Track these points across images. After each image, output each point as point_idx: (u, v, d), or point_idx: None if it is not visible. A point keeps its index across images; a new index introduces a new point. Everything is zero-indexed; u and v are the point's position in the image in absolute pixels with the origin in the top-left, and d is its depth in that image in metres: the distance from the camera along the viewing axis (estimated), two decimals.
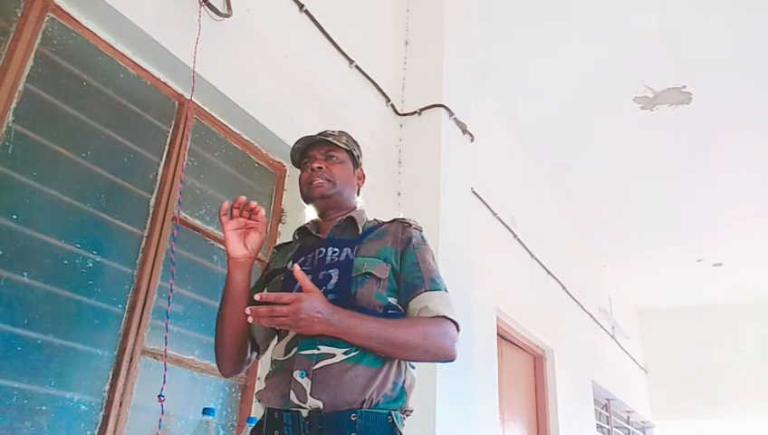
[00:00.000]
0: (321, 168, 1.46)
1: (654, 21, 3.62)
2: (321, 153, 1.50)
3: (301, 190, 1.51)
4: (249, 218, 1.35)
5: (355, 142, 1.60)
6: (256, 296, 1.20)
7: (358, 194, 1.59)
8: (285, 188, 2.44)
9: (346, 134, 1.58)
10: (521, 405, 4.49)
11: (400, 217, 1.49)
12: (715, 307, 8.14)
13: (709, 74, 4.03)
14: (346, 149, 1.53)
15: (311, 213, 1.54)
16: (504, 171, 4.61)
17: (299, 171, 1.54)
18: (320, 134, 1.53)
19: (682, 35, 3.72)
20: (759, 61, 3.88)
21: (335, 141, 1.49)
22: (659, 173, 5.22)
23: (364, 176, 1.62)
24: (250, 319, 1.20)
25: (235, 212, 1.34)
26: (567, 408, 4.95)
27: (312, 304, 1.19)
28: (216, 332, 1.38)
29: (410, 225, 1.45)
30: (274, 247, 1.63)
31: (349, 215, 1.46)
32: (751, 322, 7.91)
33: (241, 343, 1.38)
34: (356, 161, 1.57)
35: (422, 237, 1.46)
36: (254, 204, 1.35)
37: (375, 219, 1.52)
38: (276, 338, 1.41)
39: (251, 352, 1.43)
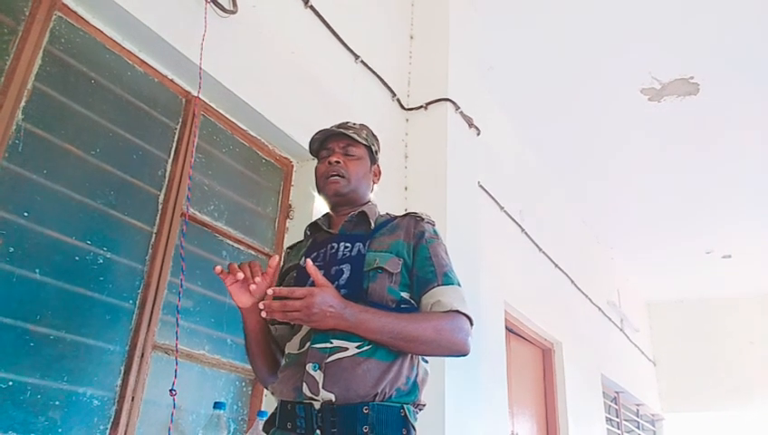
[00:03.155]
0: (338, 162, 1.45)
1: (660, 11, 3.59)
2: (340, 147, 1.48)
3: (316, 181, 1.51)
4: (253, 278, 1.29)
5: (375, 137, 1.57)
6: (269, 291, 1.20)
7: (372, 190, 1.57)
8: (293, 183, 2.44)
9: (366, 128, 1.56)
10: (530, 398, 4.49)
11: (413, 211, 1.48)
12: (725, 299, 8.08)
13: (717, 65, 3.99)
14: (365, 145, 1.51)
15: (320, 203, 1.54)
16: (511, 165, 4.60)
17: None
18: (340, 126, 1.50)
19: (689, 25, 3.69)
20: (767, 51, 3.84)
21: (355, 136, 1.48)
22: (667, 165, 5.19)
23: (380, 172, 1.60)
24: (263, 314, 1.20)
25: (233, 269, 1.29)
26: (576, 401, 4.94)
27: (325, 299, 1.19)
28: (251, 363, 1.42)
29: (423, 219, 1.44)
30: (288, 248, 1.63)
31: (361, 209, 1.46)
32: (761, 314, 7.85)
33: (275, 363, 1.41)
34: (374, 157, 1.55)
35: (435, 232, 1.45)
36: (259, 266, 1.29)
37: (387, 213, 1.51)
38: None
39: None
